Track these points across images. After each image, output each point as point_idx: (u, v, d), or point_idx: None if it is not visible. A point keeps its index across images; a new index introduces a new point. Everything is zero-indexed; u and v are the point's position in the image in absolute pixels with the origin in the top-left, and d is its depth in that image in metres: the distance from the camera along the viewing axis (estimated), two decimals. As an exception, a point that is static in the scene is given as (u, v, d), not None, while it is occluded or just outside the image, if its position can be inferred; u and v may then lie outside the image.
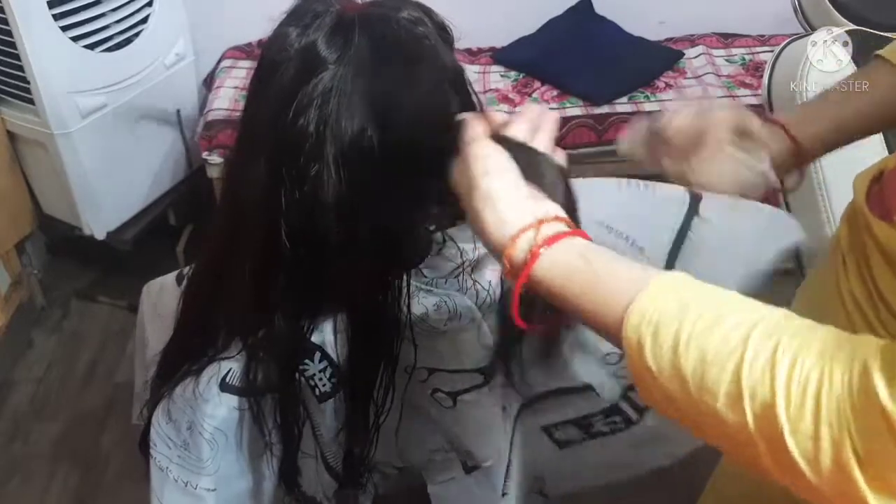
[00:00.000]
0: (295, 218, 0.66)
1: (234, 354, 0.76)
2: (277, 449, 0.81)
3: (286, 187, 0.65)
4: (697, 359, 0.45)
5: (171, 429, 0.79)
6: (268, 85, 0.66)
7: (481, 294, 0.79)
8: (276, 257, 0.68)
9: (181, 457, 0.79)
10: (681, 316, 0.46)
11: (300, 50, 0.65)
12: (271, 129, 0.65)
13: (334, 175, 0.64)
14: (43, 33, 1.53)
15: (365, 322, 0.74)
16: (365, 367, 0.76)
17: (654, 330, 0.47)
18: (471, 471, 0.88)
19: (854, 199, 0.64)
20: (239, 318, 0.74)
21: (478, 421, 0.83)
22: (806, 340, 0.43)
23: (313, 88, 0.64)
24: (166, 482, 0.80)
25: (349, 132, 0.64)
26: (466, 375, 0.80)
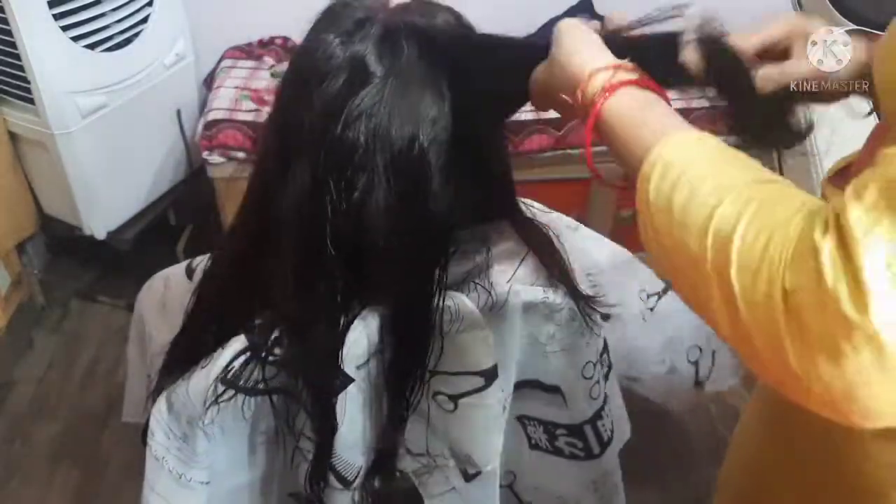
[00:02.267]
0: (341, 225, 0.66)
1: (240, 350, 0.76)
2: (290, 444, 0.81)
3: (332, 196, 0.66)
4: (686, 196, 0.51)
5: (172, 420, 0.79)
6: (312, 94, 0.66)
7: (483, 295, 0.79)
8: (317, 259, 0.68)
9: (179, 448, 0.80)
10: (686, 164, 0.52)
11: (348, 60, 0.65)
12: (317, 140, 0.65)
13: (384, 184, 0.65)
14: (43, 33, 1.53)
15: (406, 318, 0.75)
16: (403, 362, 0.76)
17: (662, 169, 0.53)
18: (471, 478, 0.88)
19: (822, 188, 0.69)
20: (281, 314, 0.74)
21: (479, 424, 0.83)
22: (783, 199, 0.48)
23: (363, 100, 0.64)
24: (161, 472, 0.80)
25: (399, 142, 0.65)
26: (468, 378, 0.80)
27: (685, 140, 0.55)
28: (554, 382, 0.88)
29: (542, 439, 0.94)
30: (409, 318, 0.75)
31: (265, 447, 0.86)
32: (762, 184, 0.50)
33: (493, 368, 0.80)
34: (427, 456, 0.86)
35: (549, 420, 0.92)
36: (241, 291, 0.77)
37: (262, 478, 0.89)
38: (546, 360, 0.87)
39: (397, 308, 0.75)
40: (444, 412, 0.82)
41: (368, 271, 0.71)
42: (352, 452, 0.82)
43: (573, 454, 0.93)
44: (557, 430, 0.92)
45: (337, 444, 0.80)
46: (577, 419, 0.90)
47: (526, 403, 0.92)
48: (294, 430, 0.79)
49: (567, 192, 1.94)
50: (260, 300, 0.76)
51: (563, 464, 0.94)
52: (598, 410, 0.91)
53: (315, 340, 0.73)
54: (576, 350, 0.87)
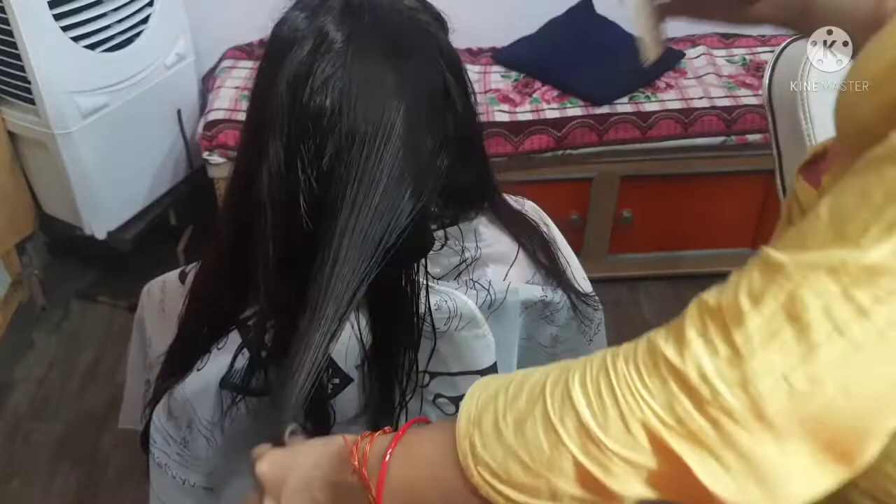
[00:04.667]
0: (314, 194, 0.67)
1: (236, 352, 0.76)
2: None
3: (304, 163, 0.67)
4: (514, 423, 0.48)
5: (171, 426, 0.79)
6: (280, 64, 0.67)
7: (481, 293, 0.79)
8: (294, 236, 0.69)
9: (180, 454, 0.79)
10: (495, 401, 0.50)
11: (312, 30, 0.67)
12: (287, 110, 0.67)
13: (349, 148, 0.66)
14: (44, 33, 1.53)
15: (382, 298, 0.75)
16: (387, 352, 0.76)
17: (478, 422, 0.49)
18: None
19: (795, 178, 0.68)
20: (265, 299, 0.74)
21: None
22: (588, 359, 0.48)
23: (326, 66, 0.66)
24: (164, 478, 0.80)
25: (363, 106, 0.66)
26: (468, 378, 0.80)
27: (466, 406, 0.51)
28: None
29: None
30: (385, 298, 0.75)
31: None
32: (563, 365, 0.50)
33: (493, 367, 0.80)
34: None
35: None
36: (231, 283, 0.77)
37: None
38: (549, 361, 0.86)
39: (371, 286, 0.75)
40: (445, 416, 0.82)
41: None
42: None
43: None
44: None
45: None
46: None
47: None
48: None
49: (567, 192, 1.94)
50: (250, 291, 0.76)
51: None
52: None
53: (298, 322, 0.73)
54: (579, 350, 0.87)
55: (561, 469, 0.46)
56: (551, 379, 0.49)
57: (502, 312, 0.81)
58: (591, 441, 0.45)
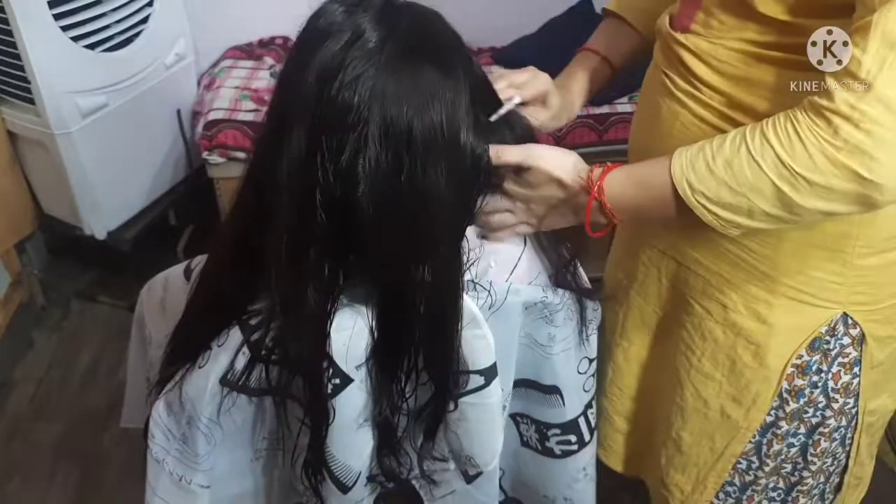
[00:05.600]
0: (332, 188, 0.67)
1: (237, 349, 0.76)
2: (289, 444, 0.81)
3: (324, 156, 0.67)
4: (723, 163, 0.71)
5: (171, 421, 0.79)
6: (312, 55, 0.67)
7: (482, 294, 0.79)
8: (309, 227, 0.69)
9: (179, 450, 0.79)
10: (701, 152, 0.72)
11: (348, 26, 0.67)
12: (314, 102, 0.67)
13: (374, 146, 0.66)
14: (43, 33, 1.53)
15: (391, 298, 0.75)
16: (395, 344, 0.76)
17: (691, 166, 0.72)
18: (472, 479, 0.88)
19: (659, 31, 0.89)
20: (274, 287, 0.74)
21: (480, 424, 0.83)
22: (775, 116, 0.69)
23: (358, 63, 0.66)
24: (161, 474, 0.80)
25: (392, 108, 0.66)
26: (468, 377, 0.80)
27: (678, 154, 0.74)
28: (552, 383, 0.89)
29: (532, 438, 0.95)
30: (392, 300, 0.75)
31: (267, 453, 0.86)
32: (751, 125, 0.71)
33: (493, 367, 0.80)
34: (428, 459, 0.86)
35: (543, 420, 0.92)
36: (239, 273, 0.77)
37: (265, 487, 0.89)
38: (546, 360, 0.87)
39: (381, 286, 0.75)
40: (446, 415, 0.82)
41: (360, 242, 0.71)
42: (351, 456, 0.82)
43: (566, 451, 0.93)
44: (550, 430, 0.92)
45: (336, 447, 0.80)
46: (571, 415, 0.91)
47: (521, 402, 0.93)
48: (290, 425, 0.79)
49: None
50: (258, 284, 0.76)
51: (551, 464, 0.94)
52: (589, 401, 0.92)
53: (305, 313, 0.73)
54: (576, 349, 0.87)
55: (760, 190, 0.69)
56: (748, 131, 0.70)
57: (503, 313, 0.81)
58: (784, 167, 0.67)
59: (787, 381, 0.89)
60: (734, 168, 0.70)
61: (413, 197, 0.69)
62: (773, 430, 0.92)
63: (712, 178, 0.71)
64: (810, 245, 0.82)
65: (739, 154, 0.69)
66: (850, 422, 0.93)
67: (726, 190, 0.70)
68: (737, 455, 0.95)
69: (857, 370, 0.89)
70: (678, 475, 1.00)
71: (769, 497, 0.99)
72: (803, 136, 0.66)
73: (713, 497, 0.99)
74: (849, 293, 0.84)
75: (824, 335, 0.86)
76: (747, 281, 0.86)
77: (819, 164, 0.66)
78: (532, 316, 0.84)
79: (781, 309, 0.86)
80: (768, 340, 0.87)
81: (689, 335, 0.94)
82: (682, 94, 0.85)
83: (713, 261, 0.88)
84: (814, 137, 0.66)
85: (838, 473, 0.99)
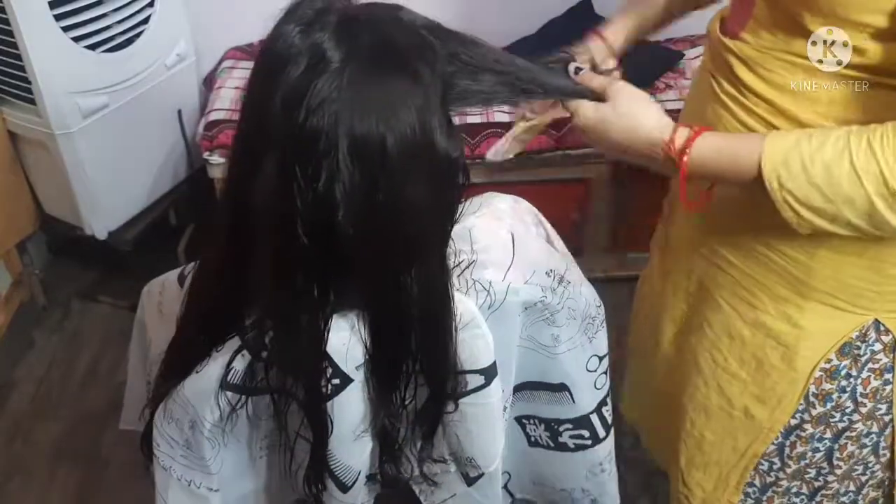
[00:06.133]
0: (312, 213, 0.67)
1: (235, 352, 0.76)
2: (288, 446, 0.81)
3: (300, 185, 0.66)
4: (822, 168, 0.68)
5: (173, 428, 0.79)
6: (274, 83, 0.66)
7: (481, 294, 0.79)
8: (292, 250, 0.68)
9: (184, 455, 0.79)
10: (797, 148, 0.70)
11: (307, 48, 0.66)
12: (281, 130, 0.66)
13: (348, 167, 0.65)
14: (44, 34, 1.53)
15: (380, 311, 0.75)
16: (391, 354, 0.76)
17: (784, 162, 0.70)
18: (473, 482, 0.88)
19: (710, 35, 0.90)
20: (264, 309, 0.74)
21: (481, 424, 0.83)
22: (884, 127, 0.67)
23: (323, 86, 0.64)
24: (170, 481, 0.80)
25: (360, 127, 0.65)
26: (468, 377, 0.80)
27: (773, 140, 0.72)
28: (560, 380, 0.88)
29: (542, 436, 0.94)
30: (383, 311, 0.75)
31: (267, 454, 0.86)
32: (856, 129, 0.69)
33: (493, 366, 0.80)
34: (428, 462, 0.86)
35: (553, 418, 0.92)
36: (228, 290, 0.77)
37: (266, 486, 0.89)
38: (552, 360, 0.86)
39: (371, 299, 0.75)
40: (446, 416, 0.82)
41: (344, 262, 0.71)
42: (350, 456, 0.82)
43: (580, 445, 0.93)
44: (562, 426, 0.92)
45: (336, 448, 0.80)
46: (583, 411, 0.90)
47: (526, 405, 0.92)
48: (289, 429, 0.79)
49: (567, 192, 1.94)
50: (249, 298, 0.76)
51: (568, 458, 0.94)
52: (602, 398, 0.91)
53: (298, 333, 0.73)
54: (582, 348, 0.87)
55: (853, 202, 0.68)
56: (853, 137, 0.68)
57: (502, 313, 0.81)
58: (885, 186, 0.66)
59: (814, 384, 0.88)
60: (833, 175, 0.68)
61: (394, 212, 0.68)
62: (798, 433, 0.92)
63: (806, 179, 0.69)
64: (846, 253, 0.81)
65: (842, 162, 0.68)
66: (882, 429, 0.92)
67: (817, 194, 0.69)
68: (759, 455, 0.95)
69: (888, 377, 0.88)
70: (699, 473, 1.00)
71: (792, 502, 0.98)
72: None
73: (737, 497, 0.99)
74: (882, 301, 0.84)
75: (855, 340, 0.86)
76: (778, 283, 0.86)
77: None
78: (533, 318, 0.84)
79: (812, 313, 0.85)
80: (798, 343, 0.87)
81: (715, 334, 0.94)
82: (727, 97, 0.85)
83: (744, 262, 0.88)
84: None
85: (874, 486, 0.97)
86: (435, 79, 0.69)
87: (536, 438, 0.95)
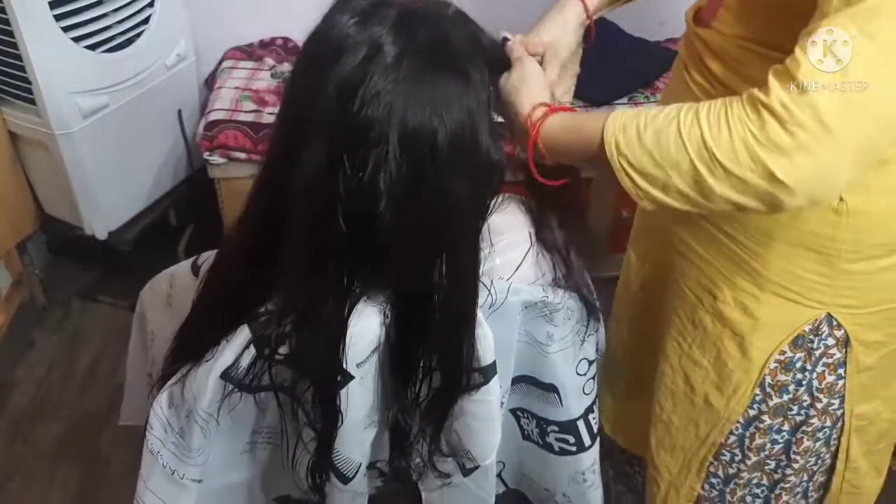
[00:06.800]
0: (353, 202, 0.67)
1: (243, 346, 0.76)
2: (292, 439, 0.81)
3: (346, 173, 0.66)
4: (653, 133, 0.71)
5: (171, 413, 0.79)
6: (328, 71, 0.67)
7: (482, 293, 0.79)
8: (329, 239, 0.69)
9: (175, 443, 0.80)
10: (636, 119, 0.72)
11: (365, 40, 0.67)
12: (334, 119, 0.66)
13: (396, 158, 0.66)
14: (44, 34, 1.53)
15: (412, 303, 0.75)
16: (409, 347, 0.77)
17: (623, 129, 0.72)
18: (469, 473, 0.88)
19: (687, 25, 0.92)
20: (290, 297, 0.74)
21: (479, 420, 0.83)
22: (713, 101, 0.69)
23: (379, 79, 0.65)
24: (155, 467, 0.80)
25: (413, 121, 0.66)
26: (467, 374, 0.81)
27: (617, 114, 0.74)
28: (550, 381, 0.89)
29: (533, 432, 0.95)
30: (411, 303, 0.75)
31: (265, 446, 0.86)
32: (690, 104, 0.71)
33: (492, 365, 0.80)
34: (437, 454, 0.86)
35: (542, 416, 0.93)
36: (251, 277, 0.77)
37: (253, 479, 0.89)
38: (544, 359, 0.87)
39: (402, 291, 0.75)
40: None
41: (379, 252, 0.71)
42: (353, 450, 0.82)
43: (564, 450, 0.94)
44: (549, 426, 0.93)
45: (340, 444, 0.80)
46: (570, 416, 0.91)
47: (521, 397, 0.93)
48: (297, 422, 0.79)
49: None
50: (270, 287, 0.76)
51: (552, 459, 0.95)
52: (590, 405, 0.93)
53: (322, 323, 0.73)
54: (573, 349, 0.88)
55: (679, 168, 0.69)
56: (684, 109, 0.70)
57: (503, 312, 0.81)
58: (706, 150, 0.68)
59: (770, 375, 0.90)
60: (661, 141, 0.70)
61: (435, 206, 0.70)
62: (756, 424, 0.94)
63: (639, 145, 0.71)
64: (799, 246, 0.83)
65: (669, 128, 0.70)
66: (835, 423, 0.94)
67: (648, 160, 0.71)
68: (717, 444, 0.97)
69: (842, 372, 0.90)
70: (667, 456, 1.03)
71: (753, 493, 1.00)
72: (731, 125, 0.66)
73: (699, 484, 1.01)
74: (835, 295, 0.85)
75: (808, 333, 0.87)
76: (738, 274, 0.88)
77: (739, 154, 0.66)
78: (532, 314, 0.84)
79: (767, 304, 0.87)
80: (752, 333, 0.89)
81: (681, 322, 0.96)
82: (697, 88, 0.86)
83: (708, 251, 0.90)
84: (741, 128, 0.66)
85: (823, 472, 1.00)
86: (483, 82, 0.72)
87: (529, 433, 0.96)
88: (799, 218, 0.81)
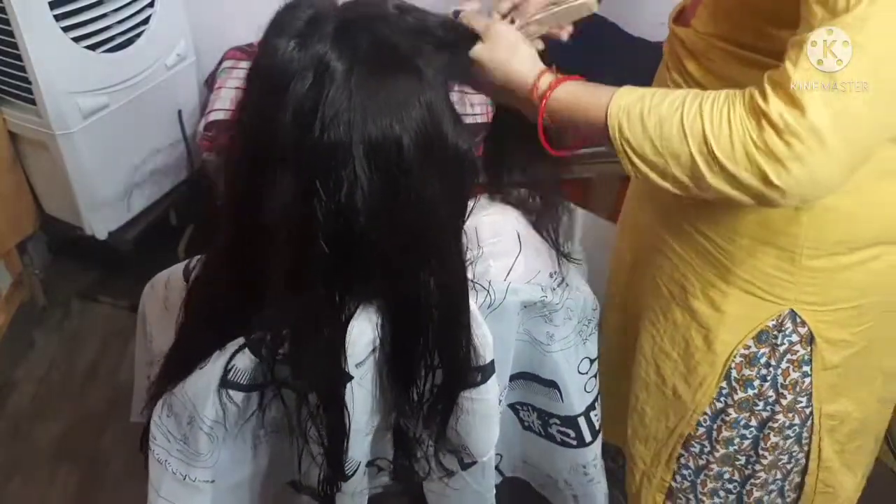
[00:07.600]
0: (333, 223, 0.66)
1: (237, 350, 0.76)
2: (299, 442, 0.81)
3: (320, 198, 0.66)
4: (656, 121, 0.71)
5: (171, 422, 0.79)
6: (281, 100, 0.65)
7: (481, 293, 0.79)
8: (312, 261, 0.68)
9: (180, 450, 0.80)
10: (640, 102, 0.73)
11: (309, 61, 0.65)
12: (296, 146, 0.65)
13: (367, 173, 0.65)
14: (44, 34, 1.53)
15: (404, 308, 0.75)
16: (405, 352, 0.77)
17: (626, 112, 0.73)
18: (466, 468, 0.89)
19: (668, 25, 0.94)
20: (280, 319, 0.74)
21: (477, 418, 0.84)
22: (718, 92, 0.70)
23: (333, 99, 0.64)
24: (164, 475, 0.80)
25: (375, 131, 0.65)
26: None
27: (624, 92, 0.75)
28: (552, 378, 0.89)
29: (534, 423, 0.96)
30: (407, 309, 0.75)
31: (268, 440, 0.86)
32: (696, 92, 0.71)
33: (491, 364, 0.80)
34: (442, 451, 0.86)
35: (545, 410, 0.93)
36: (233, 296, 0.77)
37: (263, 470, 0.89)
38: (545, 358, 0.87)
39: (395, 300, 0.75)
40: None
41: (365, 265, 0.71)
42: (354, 449, 0.82)
43: (565, 442, 0.94)
44: (551, 419, 0.93)
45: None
46: (571, 412, 0.91)
47: (521, 393, 0.93)
48: (302, 430, 0.79)
49: (566, 192, 1.94)
50: (255, 303, 0.76)
51: (554, 448, 0.96)
52: (591, 402, 0.93)
53: (318, 342, 0.73)
54: (575, 348, 0.88)
55: (678, 157, 0.71)
56: (689, 98, 0.71)
57: (502, 312, 0.81)
58: (706, 145, 0.69)
59: (735, 369, 0.92)
60: (664, 130, 0.71)
61: (414, 210, 0.69)
62: (723, 417, 0.95)
63: (642, 130, 0.72)
64: (762, 242, 0.85)
65: (673, 118, 0.71)
66: (804, 421, 0.95)
67: (650, 147, 0.72)
68: (685, 436, 0.98)
69: (807, 369, 0.90)
70: (641, 446, 1.05)
71: (725, 487, 1.01)
72: (732, 125, 0.68)
73: (669, 475, 1.03)
74: (797, 292, 0.86)
75: (771, 329, 0.89)
76: (708, 269, 0.90)
77: (737, 154, 0.68)
78: (531, 314, 0.84)
79: (733, 298, 0.89)
80: (718, 326, 0.91)
81: (655, 315, 0.98)
82: (675, 88, 0.86)
83: (681, 246, 0.92)
84: (741, 130, 0.67)
85: (798, 472, 1.01)
86: (434, 70, 0.70)
87: (529, 424, 0.96)
88: (763, 214, 0.82)
